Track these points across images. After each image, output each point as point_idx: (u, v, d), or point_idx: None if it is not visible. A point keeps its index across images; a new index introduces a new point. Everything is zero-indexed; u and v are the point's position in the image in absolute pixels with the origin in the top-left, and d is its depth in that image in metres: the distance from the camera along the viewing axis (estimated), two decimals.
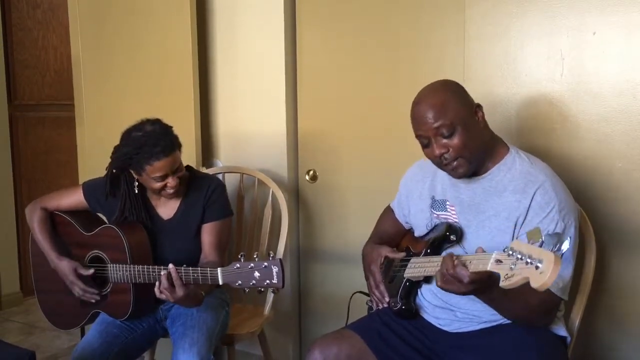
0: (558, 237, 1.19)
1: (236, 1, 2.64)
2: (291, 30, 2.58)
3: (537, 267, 1.17)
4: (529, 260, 1.19)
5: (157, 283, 1.80)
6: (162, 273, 1.79)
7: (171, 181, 1.96)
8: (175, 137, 1.98)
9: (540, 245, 1.21)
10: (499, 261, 1.28)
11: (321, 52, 2.53)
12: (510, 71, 2.10)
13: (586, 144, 2.00)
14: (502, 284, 1.24)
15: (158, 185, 1.96)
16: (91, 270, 2.06)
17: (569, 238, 1.22)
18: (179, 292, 1.78)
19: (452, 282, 1.42)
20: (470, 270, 1.37)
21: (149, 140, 1.91)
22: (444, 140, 1.60)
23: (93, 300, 2.07)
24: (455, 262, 1.40)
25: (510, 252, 1.25)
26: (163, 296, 1.80)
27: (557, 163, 1.86)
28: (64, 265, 2.08)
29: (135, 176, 2.00)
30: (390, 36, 2.34)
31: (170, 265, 1.79)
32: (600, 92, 1.96)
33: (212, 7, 2.69)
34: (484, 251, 1.40)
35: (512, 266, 1.23)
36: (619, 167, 1.95)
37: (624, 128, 1.93)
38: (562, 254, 1.19)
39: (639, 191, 1.93)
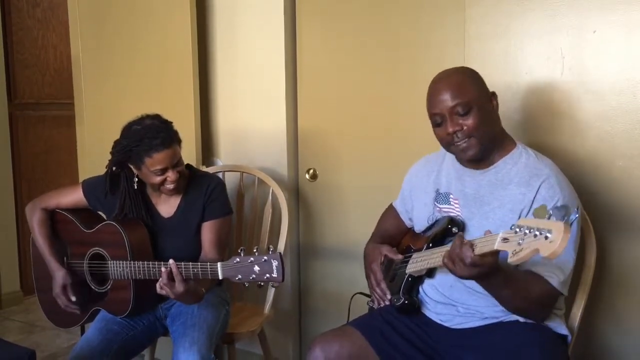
0: (565, 209, 1.19)
1: (236, 0, 2.64)
2: (291, 30, 2.58)
3: (546, 237, 1.17)
4: (537, 233, 1.19)
5: (157, 284, 1.81)
6: (162, 269, 1.79)
7: (171, 175, 1.96)
8: (175, 132, 1.99)
9: (549, 219, 1.20)
10: (505, 240, 1.28)
11: (321, 52, 2.53)
12: (511, 70, 2.11)
13: (586, 143, 2.00)
14: (510, 259, 1.24)
15: (158, 179, 1.96)
16: (73, 298, 2.09)
17: (576, 209, 1.21)
18: (179, 287, 1.79)
19: (455, 261, 1.42)
20: (476, 253, 1.37)
21: (149, 132, 1.92)
22: (459, 120, 1.63)
23: (77, 312, 2.12)
24: (464, 241, 1.41)
25: (518, 229, 1.24)
26: (163, 292, 1.80)
27: (558, 161, 1.85)
28: (58, 277, 2.10)
29: (135, 171, 2.01)
30: (390, 36, 2.34)
31: (171, 261, 1.79)
32: (600, 90, 1.96)
33: (212, 6, 2.69)
34: (491, 233, 1.39)
35: (520, 241, 1.23)
36: (619, 165, 1.95)
37: (624, 126, 1.93)
38: (572, 223, 1.18)
39: (639, 189, 1.93)
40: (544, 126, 2.07)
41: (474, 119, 1.62)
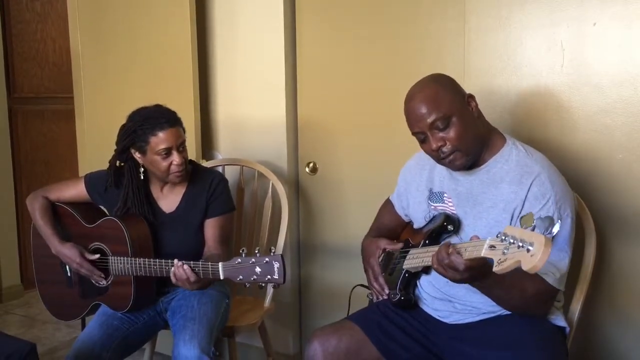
0: (550, 221, 1.21)
1: None
2: (291, 22, 2.57)
3: (528, 250, 1.19)
4: (520, 244, 1.21)
5: (172, 274, 1.84)
6: (171, 271, 1.83)
7: (176, 158, 1.96)
8: (180, 118, 2.02)
9: (533, 230, 1.22)
10: (492, 247, 1.29)
11: (321, 45, 2.52)
12: (510, 63, 2.10)
13: (586, 136, 1.99)
14: (495, 269, 1.25)
15: (164, 164, 1.96)
16: (96, 255, 2.07)
17: (559, 221, 1.22)
18: (194, 286, 1.84)
19: (446, 269, 1.43)
20: (465, 258, 1.38)
21: (154, 113, 1.97)
22: (440, 134, 1.61)
23: (102, 283, 2.08)
24: (450, 250, 1.41)
25: (503, 238, 1.26)
26: (179, 284, 1.85)
27: (557, 155, 1.86)
28: (68, 248, 2.08)
29: (140, 159, 2.01)
30: (390, 27, 2.34)
31: (176, 261, 1.81)
32: (600, 83, 1.95)
33: None
34: (478, 238, 1.40)
35: (505, 251, 1.24)
36: (619, 158, 1.95)
37: (624, 120, 1.93)
38: (553, 237, 1.20)
39: (639, 183, 1.93)
40: (544, 119, 2.06)
41: (455, 131, 1.60)
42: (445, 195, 1.76)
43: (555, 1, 1.99)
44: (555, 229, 1.20)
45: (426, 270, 1.76)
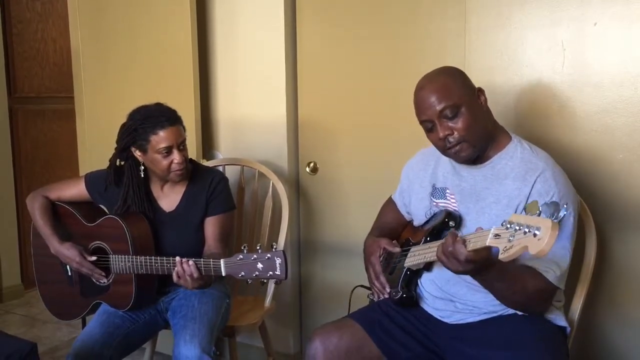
0: (555, 206, 1.20)
1: None
2: (291, 22, 2.57)
3: (535, 235, 1.18)
4: (526, 230, 1.20)
5: (174, 272, 1.84)
6: (173, 269, 1.83)
7: (177, 157, 1.97)
8: (180, 116, 2.02)
9: (539, 216, 1.21)
10: (497, 235, 1.29)
11: (321, 44, 2.52)
12: (511, 62, 2.10)
13: (587, 135, 2.00)
14: (501, 256, 1.25)
15: (164, 163, 1.97)
16: (94, 257, 2.07)
17: (564, 206, 1.22)
18: (195, 283, 1.83)
19: (449, 258, 1.43)
20: (469, 249, 1.38)
21: (155, 112, 1.97)
22: (449, 123, 1.62)
23: (103, 281, 2.08)
24: (457, 238, 1.41)
25: (509, 226, 1.25)
26: (181, 281, 1.84)
27: (558, 154, 1.85)
28: (67, 248, 2.08)
29: (141, 158, 2.01)
30: (391, 26, 2.34)
31: (178, 258, 1.81)
32: (601, 83, 1.95)
33: None
34: (482, 229, 1.40)
35: (511, 238, 1.23)
36: (620, 158, 1.95)
37: (625, 119, 1.93)
38: (560, 221, 1.19)
39: None
40: (545, 119, 2.06)
41: (463, 121, 1.61)
42: (447, 191, 1.76)
43: (555, 1, 2.00)
44: (562, 213, 1.19)
45: (427, 267, 1.76)
